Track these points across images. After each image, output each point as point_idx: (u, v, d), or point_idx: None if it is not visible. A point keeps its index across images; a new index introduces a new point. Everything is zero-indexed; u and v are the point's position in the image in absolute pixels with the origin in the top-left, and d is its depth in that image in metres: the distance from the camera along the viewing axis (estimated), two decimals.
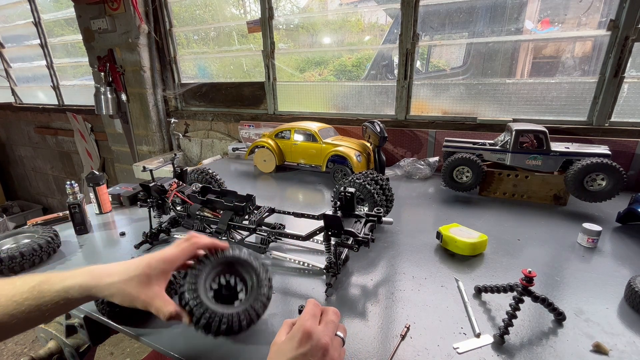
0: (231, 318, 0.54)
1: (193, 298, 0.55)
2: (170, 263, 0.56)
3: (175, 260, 0.57)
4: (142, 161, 2.48)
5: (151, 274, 0.54)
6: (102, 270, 0.55)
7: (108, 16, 2.32)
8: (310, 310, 0.50)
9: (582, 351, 0.62)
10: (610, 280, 0.83)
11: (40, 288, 0.51)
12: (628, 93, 1.46)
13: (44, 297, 0.51)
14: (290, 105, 2.21)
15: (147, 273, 0.54)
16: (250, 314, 0.57)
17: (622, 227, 1.11)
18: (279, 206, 1.04)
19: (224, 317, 0.54)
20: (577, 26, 1.53)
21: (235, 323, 0.55)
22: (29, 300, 0.50)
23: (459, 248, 0.94)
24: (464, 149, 1.43)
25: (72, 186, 1.13)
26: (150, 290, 0.54)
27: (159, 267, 0.55)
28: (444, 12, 1.70)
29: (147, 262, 0.55)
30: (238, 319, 0.55)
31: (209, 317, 0.53)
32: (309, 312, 0.49)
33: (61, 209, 3.71)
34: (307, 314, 0.49)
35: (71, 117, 3.16)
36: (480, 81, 1.69)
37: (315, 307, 0.51)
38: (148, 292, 0.53)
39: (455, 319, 0.71)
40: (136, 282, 0.53)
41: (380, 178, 1.11)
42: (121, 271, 0.54)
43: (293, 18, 2.13)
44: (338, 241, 0.79)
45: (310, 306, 0.51)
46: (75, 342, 0.80)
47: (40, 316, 0.52)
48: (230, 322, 0.54)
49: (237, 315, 0.55)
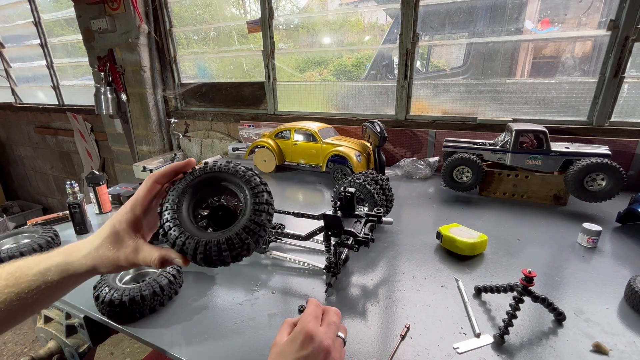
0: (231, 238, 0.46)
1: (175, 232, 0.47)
2: (132, 209, 0.51)
3: (136, 203, 0.51)
4: (142, 161, 2.47)
5: (119, 230, 0.50)
6: (73, 246, 0.52)
7: (108, 16, 2.32)
8: (312, 312, 0.49)
9: (582, 351, 0.62)
10: (610, 280, 0.83)
11: (18, 273, 0.48)
12: (628, 93, 1.46)
13: (22, 283, 0.48)
14: (290, 105, 2.21)
15: (115, 231, 0.50)
16: (252, 228, 0.48)
17: (622, 227, 1.11)
18: (279, 206, 1.04)
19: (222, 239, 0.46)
20: (577, 26, 1.53)
21: (238, 243, 0.46)
22: (9, 287, 0.47)
23: (459, 248, 0.94)
24: (464, 149, 1.43)
25: (72, 186, 1.13)
26: (127, 245, 0.50)
27: (123, 219, 0.51)
28: (444, 12, 1.70)
29: (110, 222, 0.51)
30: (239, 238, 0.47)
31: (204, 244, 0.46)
32: (311, 314, 0.49)
33: (61, 209, 3.71)
34: (309, 315, 0.48)
35: (71, 117, 3.16)
36: (480, 81, 1.69)
37: (317, 308, 0.50)
38: (125, 249, 0.50)
39: (455, 319, 0.71)
40: (107, 244, 0.50)
41: (380, 178, 1.11)
42: (89, 241, 0.51)
43: (293, 18, 2.13)
44: (338, 241, 0.79)
45: (312, 307, 0.50)
46: (75, 342, 0.80)
47: (23, 305, 0.48)
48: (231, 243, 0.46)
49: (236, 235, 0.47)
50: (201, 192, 0.53)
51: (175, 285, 0.78)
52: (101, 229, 0.51)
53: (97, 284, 0.74)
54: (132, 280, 0.81)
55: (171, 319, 0.72)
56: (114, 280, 0.75)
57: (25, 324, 2.40)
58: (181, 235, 0.47)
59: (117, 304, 0.69)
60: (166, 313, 0.74)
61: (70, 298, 0.79)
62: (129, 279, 0.81)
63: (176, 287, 0.78)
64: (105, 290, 0.72)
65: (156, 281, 0.74)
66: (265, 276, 0.87)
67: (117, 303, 0.69)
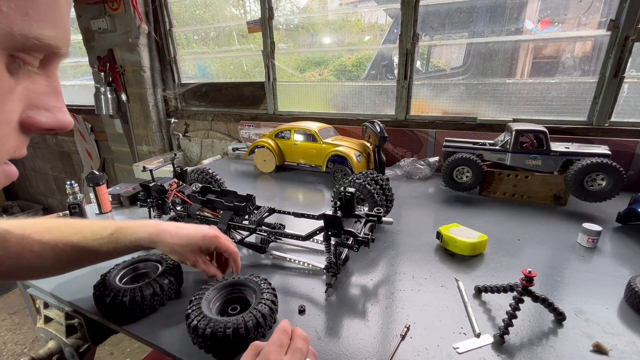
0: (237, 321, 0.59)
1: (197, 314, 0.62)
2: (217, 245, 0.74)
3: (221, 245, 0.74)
4: (142, 161, 2.48)
5: (202, 246, 0.72)
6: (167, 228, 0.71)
7: (108, 16, 2.32)
8: (277, 340, 0.48)
9: (582, 351, 0.62)
10: (610, 280, 0.83)
11: (117, 236, 0.67)
12: (628, 93, 1.46)
13: (120, 244, 0.67)
14: (290, 105, 2.21)
15: (200, 245, 0.72)
16: (254, 315, 0.61)
17: (622, 227, 1.11)
18: (279, 206, 1.04)
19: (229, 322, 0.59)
20: (577, 26, 1.53)
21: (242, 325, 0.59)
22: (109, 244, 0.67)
23: (459, 248, 0.94)
24: (464, 149, 1.43)
25: (72, 186, 1.13)
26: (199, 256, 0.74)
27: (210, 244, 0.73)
28: (444, 12, 1.70)
29: (202, 235, 0.72)
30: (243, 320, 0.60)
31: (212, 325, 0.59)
32: (275, 342, 0.47)
33: (61, 209, 3.71)
34: (273, 344, 0.47)
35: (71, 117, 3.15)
36: (480, 81, 1.69)
37: (283, 335, 0.49)
38: (197, 257, 0.73)
39: (455, 319, 0.71)
40: (191, 248, 0.71)
41: (380, 178, 1.11)
42: (182, 236, 0.71)
43: (293, 18, 2.13)
44: (338, 241, 0.79)
45: (278, 334, 0.49)
46: (75, 342, 0.80)
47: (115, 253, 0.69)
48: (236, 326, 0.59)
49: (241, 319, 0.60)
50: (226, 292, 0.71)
51: (176, 285, 0.78)
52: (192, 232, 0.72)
53: (97, 284, 0.74)
54: (132, 280, 0.81)
55: (171, 319, 0.72)
56: (114, 280, 0.75)
57: (25, 324, 2.40)
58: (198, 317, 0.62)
59: (117, 304, 0.69)
60: (166, 313, 0.74)
61: (71, 298, 0.79)
62: (129, 279, 0.80)
63: (176, 287, 0.78)
64: (105, 290, 0.72)
65: (156, 281, 0.74)
66: (265, 276, 0.87)
67: (117, 303, 0.69)
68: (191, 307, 0.64)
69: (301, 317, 0.72)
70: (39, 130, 0.32)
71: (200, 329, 0.59)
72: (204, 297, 0.66)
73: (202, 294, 0.67)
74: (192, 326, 0.60)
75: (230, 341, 0.58)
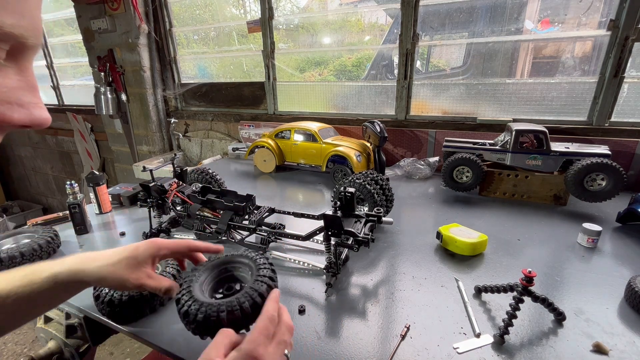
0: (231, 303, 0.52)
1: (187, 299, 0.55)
2: (157, 248, 0.58)
3: (162, 247, 0.59)
4: (142, 161, 2.48)
5: (139, 257, 0.56)
6: (90, 255, 0.57)
7: (108, 16, 2.32)
8: (265, 329, 0.46)
9: (582, 351, 0.62)
10: (610, 280, 0.83)
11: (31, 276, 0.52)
12: (628, 93, 1.46)
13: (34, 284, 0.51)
14: (290, 105, 2.21)
15: (135, 255, 0.56)
16: (250, 294, 0.54)
17: (622, 227, 1.11)
18: (279, 206, 1.04)
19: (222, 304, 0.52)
20: (577, 26, 1.53)
21: (236, 307, 0.52)
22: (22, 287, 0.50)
23: (459, 248, 0.94)
24: (464, 149, 1.43)
25: (72, 186, 1.13)
26: (141, 271, 0.56)
27: (147, 251, 0.57)
28: (444, 12, 1.70)
29: (135, 246, 0.57)
30: (237, 301, 0.52)
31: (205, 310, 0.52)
32: (262, 332, 0.46)
33: (61, 209, 3.71)
34: (261, 335, 0.45)
35: (71, 117, 3.15)
36: (480, 81, 1.69)
37: (270, 325, 0.47)
38: (138, 273, 0.56)
39: (455, 319, 0.71)
40: (124, 264, 0.55)
41: (380, 178, 1.11)
42: (109, 255, 0.56)
43: (293, 18, 2.13)
44: (338, 241, 0.79)
45: (266, 322, 0.46)
46: (75, 342, 0.80)
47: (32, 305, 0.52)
48: (230, 308, 0.52)
49: (236, 300, 0.53)
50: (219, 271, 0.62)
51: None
52: (121, 249, 0.57)
53: None
54: None
55: (171, 319, 0.72)
56: None
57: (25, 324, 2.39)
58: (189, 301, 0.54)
59: (117, 304, 0.69)
60: (166, 313, 0.74)
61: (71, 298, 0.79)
62: None
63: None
64: (105, 290, 0.72)
65: None
66: None
67: (117, 303, 0.69)
68: (181, 292, 0.57)
69: (301, 317, 0.72)
70: (12, 127, 0.30)
71: (192, 314, 0.52)
72: (194, 279, 0.58)
73: (193, 276, 0.59)
74: (182, 312, 0.53)
75: (226, 325, 0.51)
